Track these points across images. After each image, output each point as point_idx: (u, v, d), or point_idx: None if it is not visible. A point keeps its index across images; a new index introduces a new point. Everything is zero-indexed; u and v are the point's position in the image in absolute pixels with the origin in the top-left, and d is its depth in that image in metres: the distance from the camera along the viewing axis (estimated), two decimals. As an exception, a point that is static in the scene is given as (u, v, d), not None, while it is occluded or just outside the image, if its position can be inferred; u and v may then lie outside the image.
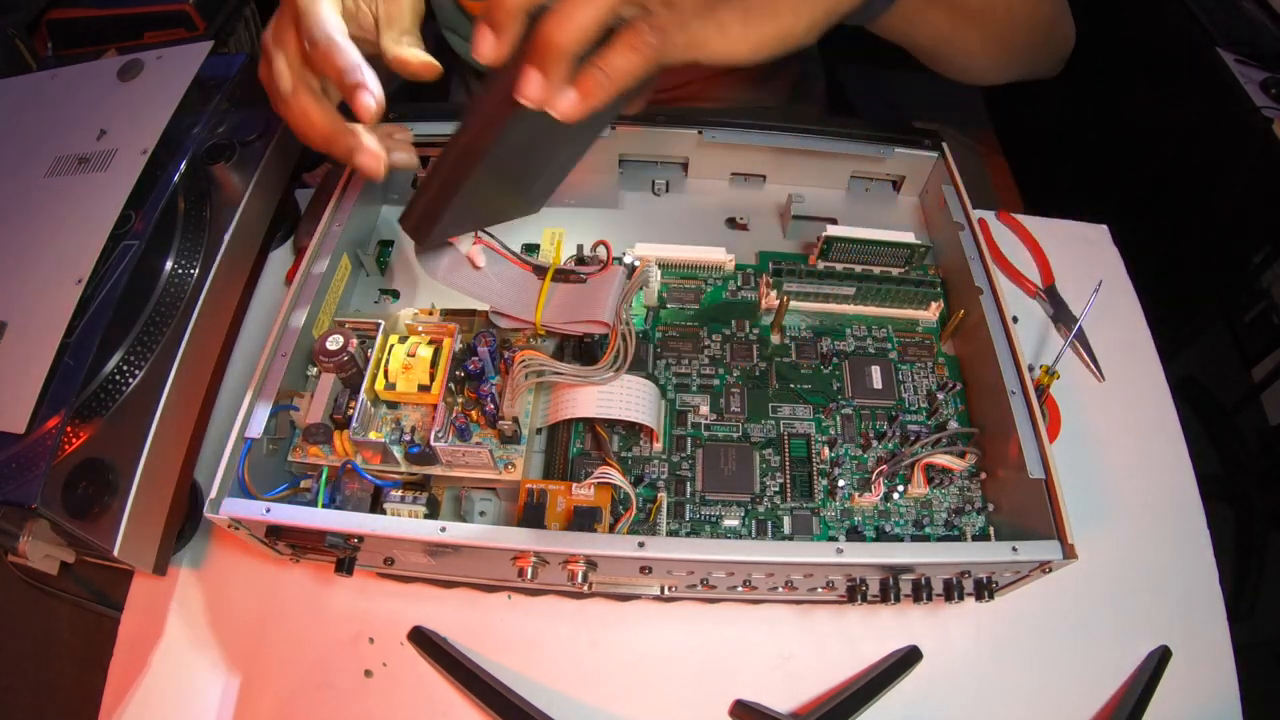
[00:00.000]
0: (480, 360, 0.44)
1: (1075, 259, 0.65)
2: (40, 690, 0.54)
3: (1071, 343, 0.58)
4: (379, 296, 0.54)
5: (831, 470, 0.47)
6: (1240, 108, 1.01)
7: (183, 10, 1.08)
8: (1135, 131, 1.30)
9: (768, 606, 0.48)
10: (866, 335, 0.52)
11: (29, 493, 0.38)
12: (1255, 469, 1.09)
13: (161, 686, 0.45)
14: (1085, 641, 0.48)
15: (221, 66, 0.57)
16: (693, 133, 0.57)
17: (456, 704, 0.44)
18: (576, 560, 0.39)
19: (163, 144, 0.50)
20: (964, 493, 0.46)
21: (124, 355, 0.44)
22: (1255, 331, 1.13)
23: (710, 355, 0.51)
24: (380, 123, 0.42)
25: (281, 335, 0.45)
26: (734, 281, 0.54)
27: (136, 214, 0.48)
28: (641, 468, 0.46)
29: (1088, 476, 0.53)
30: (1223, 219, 1.12)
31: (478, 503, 0.46)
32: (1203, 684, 0.47)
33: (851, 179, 0.61)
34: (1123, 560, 0.50)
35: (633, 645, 0.47)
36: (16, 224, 0.48)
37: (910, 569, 0.40)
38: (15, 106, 0.56)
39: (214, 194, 0.53)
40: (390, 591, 0.48)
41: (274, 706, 0.44)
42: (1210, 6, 1.14)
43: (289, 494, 0.44)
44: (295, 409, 0.44)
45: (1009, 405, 0.43)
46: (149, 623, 0.47)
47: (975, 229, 0.52)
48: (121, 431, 0.43)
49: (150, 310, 0.46)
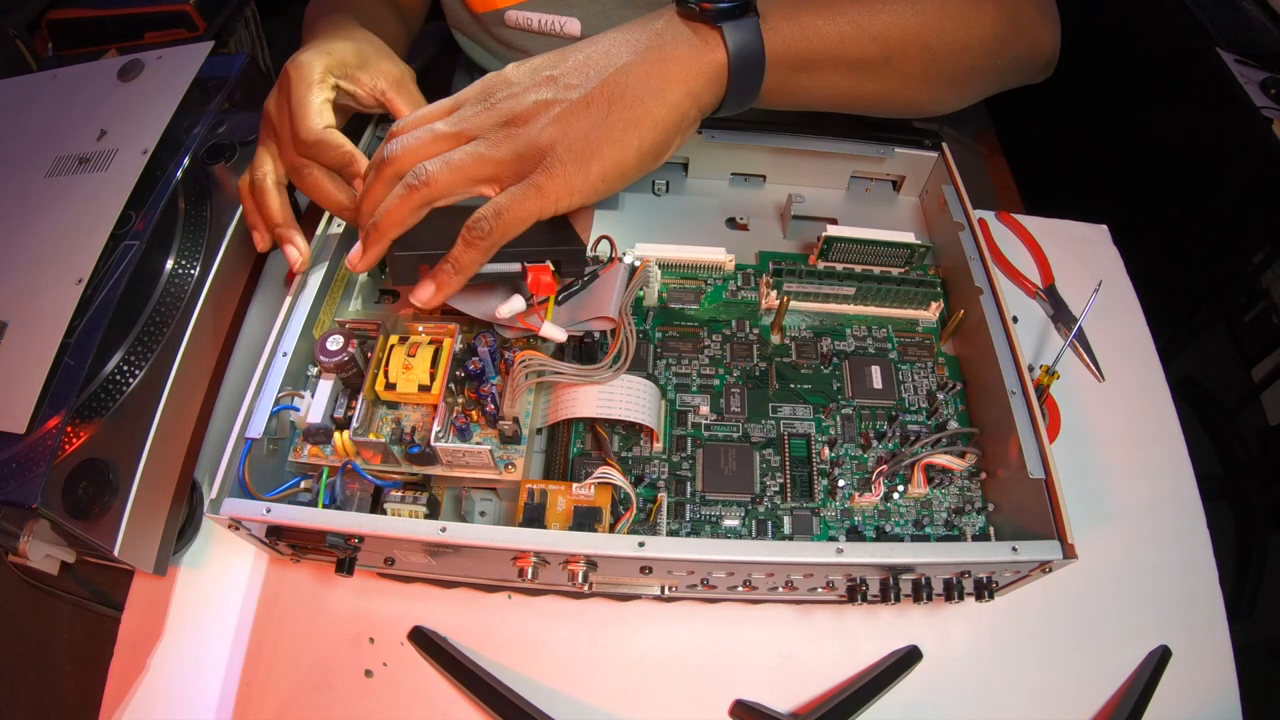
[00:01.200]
0: (480, 360, 0.44)
1: (1075, 259, 0.65)
2: (40, 690, 0.54)
3: (1071, 343, 0.58)
4: (379, 296, 0.54)
5: (831, 470, 0.47)
6: (1240, 108, 1.01)
7: (183, 10, 1.08)
8: (1135, 132, 1.30)
9: (768, 606, 0.48)
10: (866, 335, 0.52)
11: (29, 493, 0.38)
12: (1255, 469, 1.09)
13: (162, 686, 0.45)
14: (1085, 641, 0.48)
15: (222, 67, 0.57)
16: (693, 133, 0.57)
17: (457, 704, 0.44)
18: (577, 560, 0.39)
19: (163, 144, 0.50)
20: (964, 493, 0.46)
21: (124, 355, 0.44)
22: (1255, 331, 1.13)
23: (710, 355, 0.51)
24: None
25: (281, 335, 0.45)
26: (734, 281, 0.54)
27: (137, 214, 0.48)
28: (642, 468, 0.46)
29: (1088, 476, 0.53)
30: (1223, 219, 1.12)
31: (478, 503, 0.46)
32: (1203, 684, 0.47)
33: (851, 179, 0.61)
34: (1123, 560, 0.50)
35: (633, 645, 0.47)
36: (17, 224, 0.48)
37: (910, 569, 0.40)
38: (16, 106, 0.56)
39: (214, 194, 0.53)
40: (390, 591, 0.48)
41: (274, 706, 0.44)
42: (1210, 6, 1.14)
43: (289, 494, 0.44)
44: (295, 409, 0.44)
45: (1009, 405, 0.43)
46: (149, 622, 0.47)
47: (975, 229, 0.52)
48: (122, 431, 0.43)
49: (150, 310, 0.46)
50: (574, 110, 0.39)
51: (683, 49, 0.41)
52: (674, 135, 0.42)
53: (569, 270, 0.44)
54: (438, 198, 0.40)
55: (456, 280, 0.40)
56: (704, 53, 0.41)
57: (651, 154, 0.41)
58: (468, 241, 0.39)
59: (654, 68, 0.40)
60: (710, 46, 0.41)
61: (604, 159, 0.39)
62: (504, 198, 0.39)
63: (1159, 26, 1.21)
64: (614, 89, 0.40)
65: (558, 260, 0.43)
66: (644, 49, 0.41)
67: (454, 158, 0.39)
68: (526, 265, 0.42)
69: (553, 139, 0.39)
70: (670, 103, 0.41)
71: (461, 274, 0.40)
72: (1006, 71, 0.52)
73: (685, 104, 0.41)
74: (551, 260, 0.43)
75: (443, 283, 0.40)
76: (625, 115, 0.39)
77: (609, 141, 0.39)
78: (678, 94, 0.41)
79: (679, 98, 0.41)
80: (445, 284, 0.40)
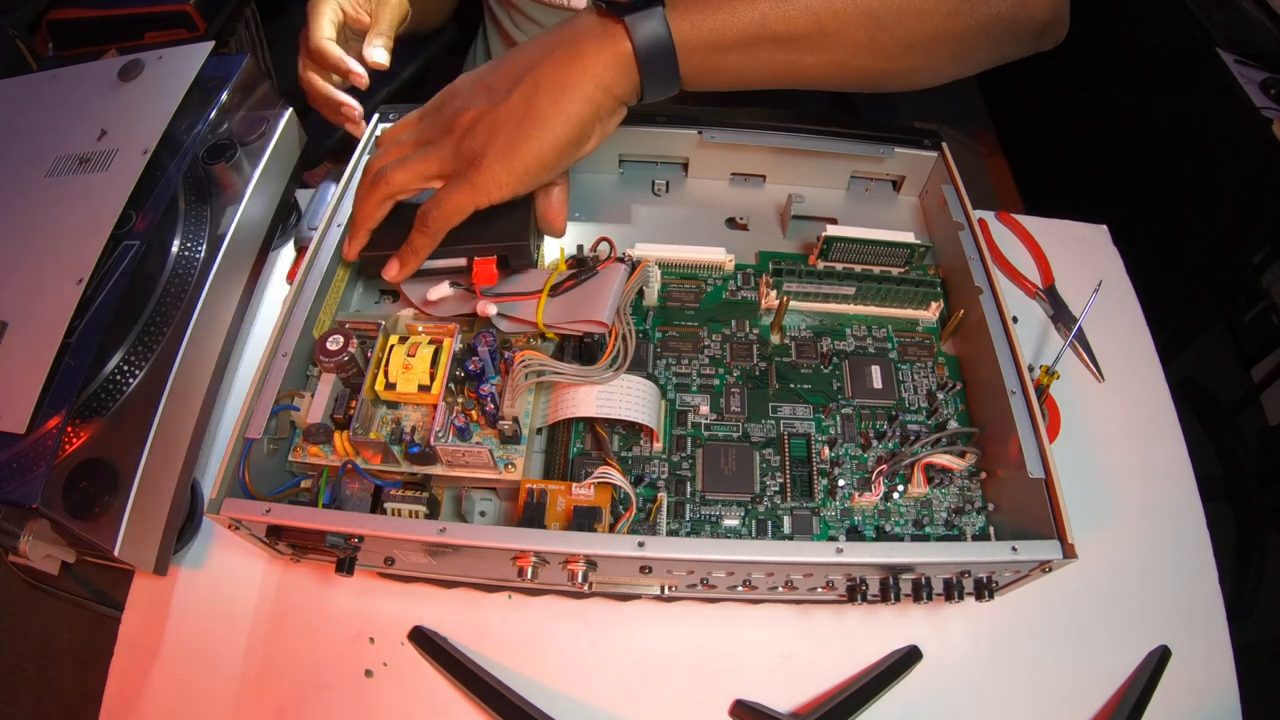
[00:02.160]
0: (480, 360, 0.44)
1: (1075, 259, 0.65)
2: (41, 690, 0.54)
3: (1071, 343, 0.58)
4: (379, 297, 0.54)
5: (831, 470, 0.47)
6: (1240, 108, 1.01)
7: (183, 11, 1.08)
8: (1135, 132, 1.30)
9: (768, 606, 0.48)
10: (866, 335, 0.52)
11: (30, 493, 0.38)
12: (1255, 469, 1.09)
13: (162, 686, 0.45)
14: (1085, 641, 0.48)
15: (222, 67, 0.57)
16: (693, 133, 0.58)
17: (457, 704, 0.44)
18: (576, 560, 0.39)
19: (163, 144, 0.50)
20: (964, 492, 0.46)
21: (125, 355, 0.44)
22: (1255, 331, 1.13)
23: (710, 355, 0.51)
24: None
25: (282, 335, 0.45)
26: (734, 281, 0.54)
27: (137, 214, 0.48)
28: (641, 467, 0.46)
29: (1088, 476, 0.53)
30: (1223, 219, 1.12)
31: (478, 503, 0.46)
32: (1202, 684, 0.47)
33: (851, 179, 0.61)
34: (1123, 560, 0.50)
35: (633, 645, 0.47)
36: (17, 224, 0.48)
37: (910, 568, 0.40)
38: (16, 107, 0.56)
39: (215, 194, 0.53)
40: (391, 591, 0.48)
41: (274, 706, 0.44)
42: (1210, 7, 1.14)
43: (289, 494, 0.44)
44: (296, 409, 0.44)
45: (1009, 405, 0.43)
46: (150, 622, 0.47)
47: (975, 229, 0.52)
48: (122, 431, 0.43)
49: (151, 310, 0.46)
50: (498, 113, 0.44)
51: (590, 43, 0.44)
52: (591, 125, 0.45)
53: (516, 263, 0.49)
54: (397, 192, 0.46)
55: (415, 260, 0.47)
56: (610, 44, 0.44)
57: (570, 145, 0.45)
58: (418, 228, 0.46)
59: (563, 65, 0.44)
60: (616, 38, 0.44)
61: (524, 155, 0.43)
62: (442, 192, 0.45)
63: (1159, 27, 1.21)
64: (529, 89, 0.44)
65: (503, 255, 0.48)
66: (556, 48, 0.44)
67: (407, 159, 0.46)
68: (475, 259, 0.48)
69: (482, 141, 0.44)
70: (581, 96, 0.44)
71: (417, 255, 0.47)
72: (993, 34, 0.48)
73: (598, 96, 0.44)
74: (497, 254, 0.48)
75: (404, 261, 0.47)
76: (539, 113, 0.43)
77: (526, 139, 0.43)
78: (589, 87, 0.44)
79: (590, 91, 0.44)
80: (406, 262, 0.47)
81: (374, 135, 0.56)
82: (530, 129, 0.43)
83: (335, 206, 0.51)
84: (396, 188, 0.46)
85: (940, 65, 0.49)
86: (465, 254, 0.48)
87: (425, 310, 0.49)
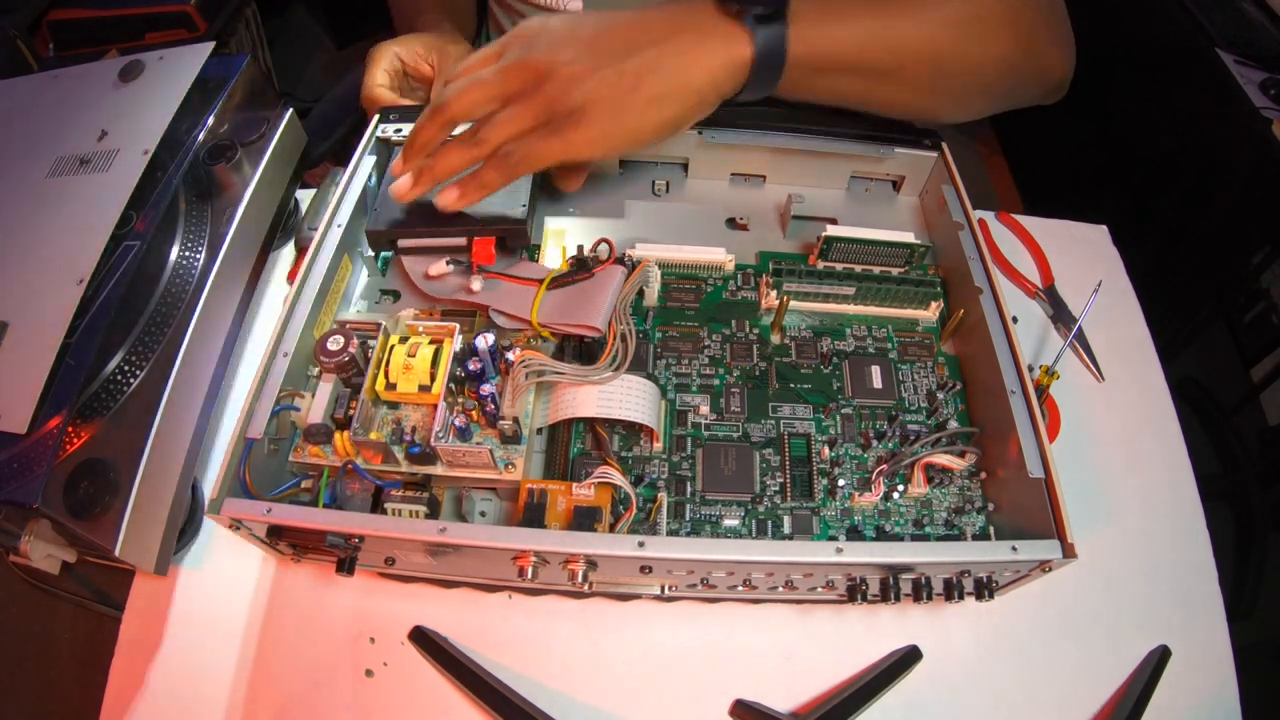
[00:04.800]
0: (480, 360, 0.44)
1: (1075, 259, 0.65)
2: (41, 690, 0.54)
3: (1071, 343, 0.58)
4: (380, 296, 0.54)
5: (831, 470, 0.47)
6: (1240, 108, 1.01)
7: (184, 11, 1.08)
8: (1135, 132, 1.30)
9: (768, 606, 0.48)
10: (866, 335, 0.52)
11: (30, 492, 0.38)
12: (1255, 469, 1.09)
13: (162, 686, 0.45)
14: (1085, 641, 0.48)
15: (223, 67, 0.57)
16: (693, 133, 0.58)
17: (457, 704, 0.44)
18: (577, 560, 0.39)
19: (164, 145, 0.50)
20: (964, 492, 0.46)
21: (125, 355, 0.44)
22: (1255, 331, 1.13)
23: (710, 355, 0.51)
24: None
25: (282, 335, 0.45)
26: (734, 281, 0.54)
27: (138, 214, 0.48)
28: (641, 467, 0.46)
29: (1088, 476, 0.53)
30: (1223, 219, 1.12)
31: (478, 503, 0.46)
32: (1202, 684, 0.47)
33: (851, 179, 0.61)
34: (1122, 560, 0.50)
35: (633, 645, 0.47)
36: (17, 224, 0.48)
37: (910, 568, 0.40)
38: (16, 107, 0.56)
39: (215, 194, 0.53)
40: (391, 591, 0.48)
41: (274, 706, 0.44)
42: (1210, 7, 1.14)
43: (289, 494, 0.44)
44: (296, 409, 0.44)
45: (1009, 405, 0.43)
46: (150, 622, 0.47)
47: (975, 229, 0.52)
48: (123, 431, 0.43)
49: (151, 310, 0.46)
50: (607, 77, 0.43)
51: (715, 40, 0.45)
52: (691, 116, 0.47)
53: (514, 244, 0.49)
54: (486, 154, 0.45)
55: (479, 193, 0.46)
56: (733, 47, 0.45)
57: (668, 129, 0.46)
58: (494, 164, 0.45)
59: (685, 53, 0.44)
60: (739, 43, 0.45)
61: (627, 125, 0.44)
62: (535, 138, 0.44)
63: (1159, 26, 1.21)
64: (646, 66, 0.44)
65: (501, 236, 0.48)
66: (680, 32, 0.45)
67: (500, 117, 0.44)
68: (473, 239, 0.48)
69: (585, 100, 0.43)
70: (694, 88, 0.45)
71: (484, 189, 0.46)
72: (1016, 91, 0.55)
73: (706, 90, 0.46)
74: (496, 234, 0.48)
75: (466, 191, 0.46)
76: (653, 91, 0.44)
77: (633, 112, 0.44)
78: (702, 80, 0.45)
79: (702, 84, 0.45)
80: (468, 193, 0.46)
81: (374, 135, 0.56)
82: (640, 104, 0.44)
83: (335, 207, 0.51)
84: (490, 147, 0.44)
85: (970, 112, 0.56)
86: (464, 233, 0.48)
87: (422, 288, 0.49)
